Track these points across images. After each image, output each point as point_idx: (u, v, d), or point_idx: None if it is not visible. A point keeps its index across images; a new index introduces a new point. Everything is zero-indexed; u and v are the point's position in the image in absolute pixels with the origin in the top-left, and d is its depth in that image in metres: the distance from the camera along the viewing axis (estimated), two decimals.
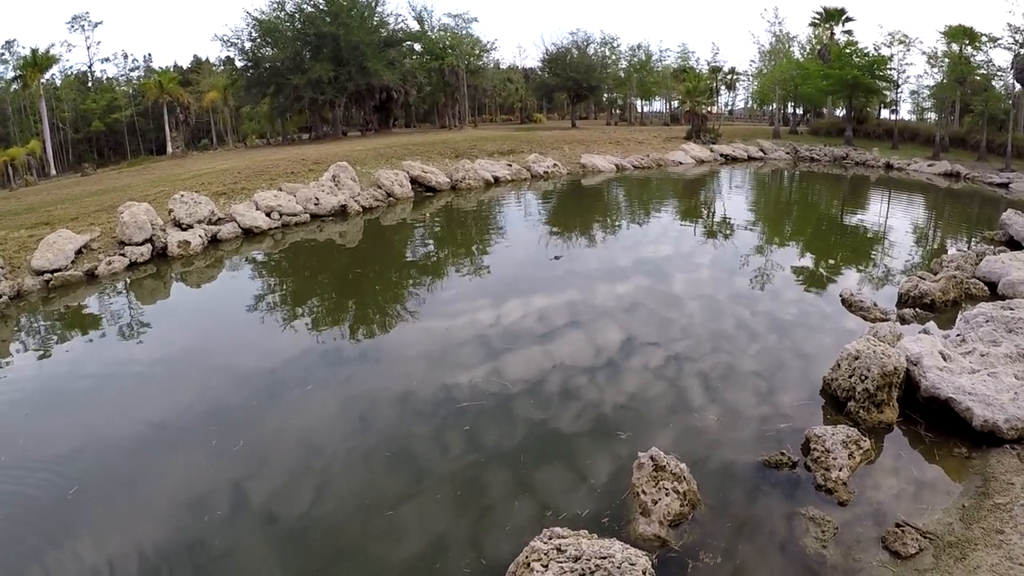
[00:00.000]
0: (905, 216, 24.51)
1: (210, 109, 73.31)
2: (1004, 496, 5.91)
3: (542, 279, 14.12)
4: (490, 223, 21.66)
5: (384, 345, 10.54)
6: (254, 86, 51.27)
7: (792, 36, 73.10)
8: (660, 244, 18.02)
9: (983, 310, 10.23)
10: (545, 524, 5.39)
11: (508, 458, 6.84)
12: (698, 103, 53.43)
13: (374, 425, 7.69)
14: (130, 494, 6.47)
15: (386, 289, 14.04)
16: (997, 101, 45.69)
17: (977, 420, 6.88)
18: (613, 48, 75.67)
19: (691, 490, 5.81)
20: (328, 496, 6.29)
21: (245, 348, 10.61)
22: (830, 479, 6.17)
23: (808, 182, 37.29)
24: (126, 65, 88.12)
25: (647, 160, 40.78)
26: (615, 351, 9.80)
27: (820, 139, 56.32)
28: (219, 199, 20.81)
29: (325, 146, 39.26)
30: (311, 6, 49.39)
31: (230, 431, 7.54)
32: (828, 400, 8.02)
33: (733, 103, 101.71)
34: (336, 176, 23.59)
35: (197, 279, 15.41)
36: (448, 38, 62.07)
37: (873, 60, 51.56)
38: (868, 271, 15.45)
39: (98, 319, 12.42)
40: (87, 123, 75.59)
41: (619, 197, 29.26)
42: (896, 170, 42.34)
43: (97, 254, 15.90)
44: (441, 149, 34.09)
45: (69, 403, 8.79)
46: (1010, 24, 42.30)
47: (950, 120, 52.82)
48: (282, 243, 18.51)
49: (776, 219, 24.09)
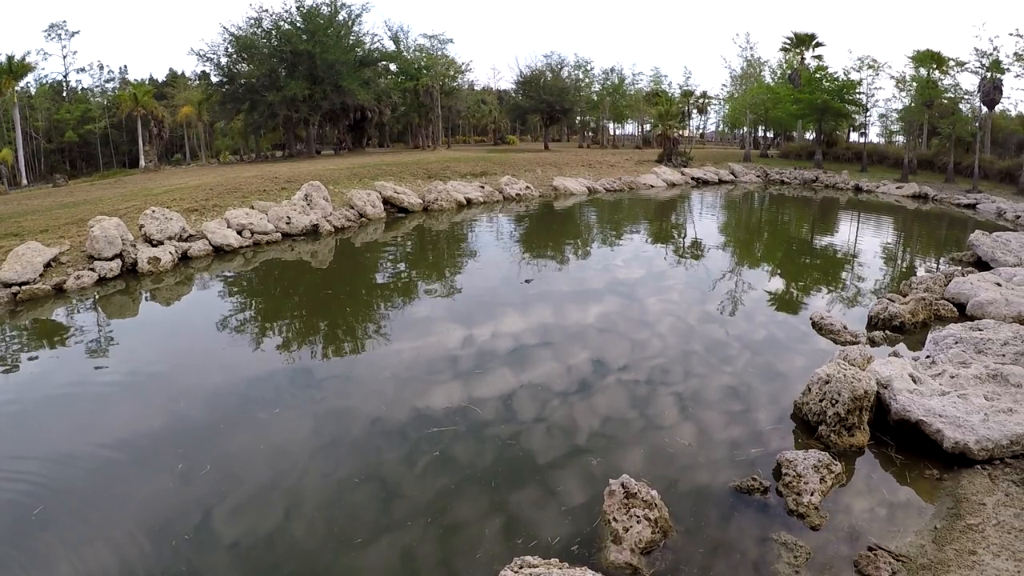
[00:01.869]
0: (874, 238, 24.83)
1: (184, 124, 72.90)
2: (976, 517, 5.91)
3: (514, 301, 14.06)
4: (462, 245, 21.64)
5: (354, 367, 10.39)
6: (229, 102, 51.02)
7: (763, 61, 74.63)
8: (632, 267, 18.03)
9: (952, 331, 10.36)
10: (516, 552, 5.31)
11: (479, 484, 6.73)
12: (670, 126, 53.84)
13: (344, 450, 7.56)
14: (95, 516, 6.29)
15: (357, 310, 13.91)
16: (964, 124, 46.57)
17: (948, 442, 6.90)
18: (587, 71, 76.11)
19: (663, 517, 5.75)
20: (296, 523, 6.14)
21: (214, 368, 10.41)
22: (802, 504, 6.15)
23: (778, 205, 37.69)
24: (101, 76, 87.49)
25: (619, 183, 41.16)
26: (587, 374, 9.75)
27: (790, 162, 57.08)
28: (190, 215, 20.60)
29: (298, 164, 39.07)
30: (288, 23, 49.24)
31: (197, 454, 7.37)
32: (799, 424, 8.02)
33: (705, 126, 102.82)
34: (308, 195, 23.46)
35: (167, 296, 15.17)
36: (423, 59, 62.10)
37: (843, 84, 52.43)
38: (838, 293, 15.58)
39: (65, 335, 12.17)
40: (60, 133, 74.73)
41: (591, 220, 29.32)
42: (865, 192, 42.98)
43: (66, 268, 15.70)
44: (414, 170, 34.11)
45: (32, 421, 8.56)
46: (977, 48, 43.29)
47: (918, 143, 53.71)
48: (253, 262, 18.33)
49: (747, 242, 24.28)
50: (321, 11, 50.12)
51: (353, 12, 52.18)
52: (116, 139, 76.73)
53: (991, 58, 41.93)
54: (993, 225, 27.34)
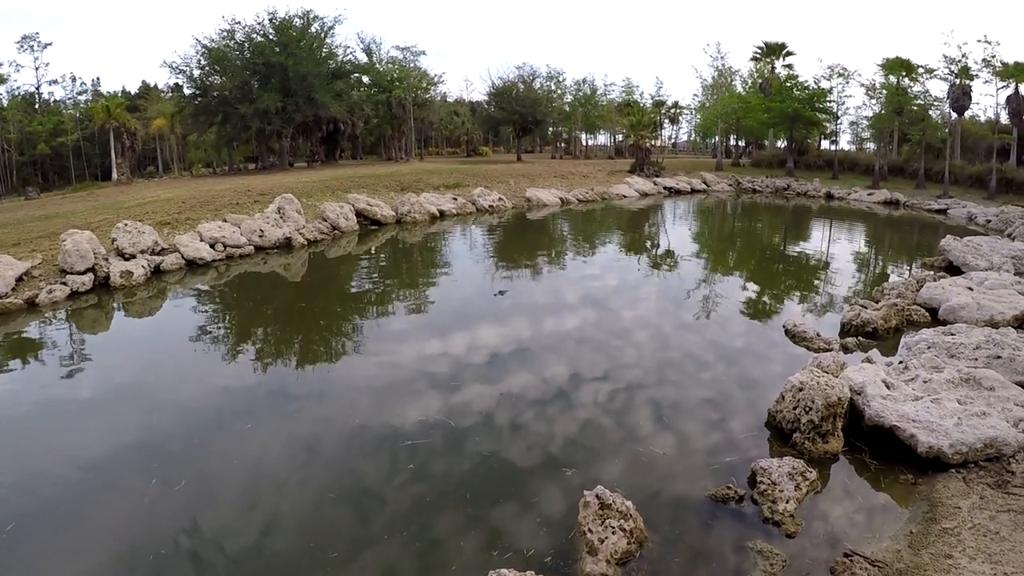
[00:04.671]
0: (847, 244, 25.09)
1: (157, 136, 72.13)
2: (951, 521, 5.93)
3: (488, 313, 14.04)
4: (435, 257, 21.62)
5: (328, 381, 10.28)
6: (202, 114, 50.54)
7: (734, 70, 75.37)
8: (605, 277, 18.05)
9: (925, 336, 10.44)
10: (491, 564, 5.26)
11: (454, 496, 6.66)
12: (642, 137, 54.20)
13: (318, 463, 7.46)
14: (68, 532, 6.18)
15: (331, 323, 13.78)
16: (934, 130, 47.33)
17: (922, 447, 6.93)
18: (559, 82, 76.51)
19: (638, 527, 5.71)
20: (271, 537, 6.06)
21: (187, 383, 10.27)
22: (777, 511, 6.14)
23: (751, 213, 38.03)
24: (74, 88, 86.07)
25: (592, 194, 41.36)
26: (561, 385, 9.71)
27: (762, 171, 57.55)
28: (163, 229, 20.37)
29: (271, 177, 38.83)
30: (261, 36, 49.02)
31: (171, 469, 7.26)
32: (774, 432, 8.02)
33: (676, 136, 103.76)
34: (281, 208, 23.29)
35: (139, 310, 14.99)
36: (396, 70, 62.07)
37: (813, 93, 53.14)
38: (811, 300, 15.70)
39: (37, 349, 12.01)
40: (32, 145, 73.48)
41: (564, 230, 29.41)
42: (837, 199, 43.52)
43: (38, 282, 15.48)
44: (387, 182, 34.05)
45: (3, 436, 8.40)
46: (946, 56, 43.92)
47: (889, 149, 54.50)
48: (226, 275, 18.15)
49: (720, 250, 24.45)
50: (294, 23, 49.97)
51: (326, 24, 52.18)
52: (89, 151, 75.70)
53: (960, 64, 42.62)
54: (964, 230, 27.77)
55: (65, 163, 75.26)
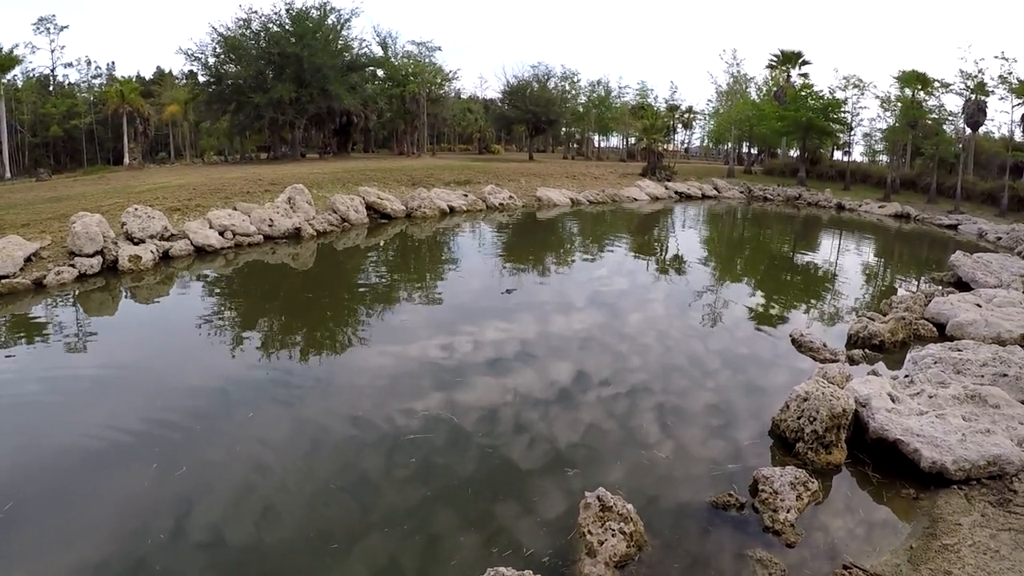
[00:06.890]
0: (856, 256, 25.03)
1: (170, 122, 72.45)
2: (952, 537, 5.91)
3: (495, 310, 14.03)
4: (444, 253, 21.65)
5: (333, 372, 10.29)
6: (215, 102, 50.72)
7: (749, 77, 74.94)
8: (613, 279, 18.07)
9: (931, 351, 10.40)
10: (490, 563, 5.25)
11: (456, 493, 6.67)
12: (655, 140, 54.14)
13: (321, 455, 7.46)
14: (66, 514, 6.18)
15: (337, 315, 13.81)
16: (948, 145, 47.17)
17: (925, 462, 6.91)
18: (573, 83, 76.30)
19: (638, 531, 5.71)
20: (271, 527, 6.06)
21: (192, 369, 10.29)
22: (778, 521, 6.12)
23: (761, 221, 37.92)
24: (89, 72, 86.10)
25: (602, 195, 41.33)
26: (566, 385, 9.70)
27: (774, 179, 57.49)
28: (173, 215, 20.41)
29: (282, 167, 38.87)
30: (277, 25, 49.06)
31: (173, 455, 7.26)
32: (777, 440, 8.00)
33: (689, 141, 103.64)
34: (292, 198, 23.34)
35: (146, 295, 15.04)
36: (411, 65, 61.93)
37: (828, 103, 52.94)
38: (818, 311, 15.65)
39: (43, 331, 12.02)
40: (45, 127, 73.67)
41: (574, 231, 29.41)
42: (848, 211, 43.37)
43: (47, 263, 15.52)
44: (398, 176, 34.05)
45: (5, 416, 8.41)
46: (962, 70, 43.75)
47: (901, 163, 54.30)
48: (234, 263, 18.20)
49: (729, 257, 24.42)
50: (310, 14, 49.99)
51: (342, 16, 52.17)
52: (101, 135, 75.96)
53: (976, 80, 42.42)
54: (974, 246, 27.66)
55: (77, 146, 75.55)
